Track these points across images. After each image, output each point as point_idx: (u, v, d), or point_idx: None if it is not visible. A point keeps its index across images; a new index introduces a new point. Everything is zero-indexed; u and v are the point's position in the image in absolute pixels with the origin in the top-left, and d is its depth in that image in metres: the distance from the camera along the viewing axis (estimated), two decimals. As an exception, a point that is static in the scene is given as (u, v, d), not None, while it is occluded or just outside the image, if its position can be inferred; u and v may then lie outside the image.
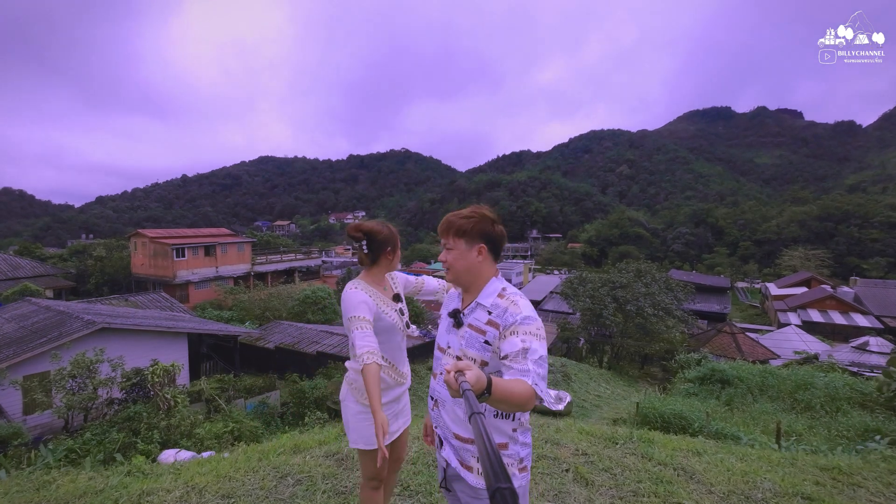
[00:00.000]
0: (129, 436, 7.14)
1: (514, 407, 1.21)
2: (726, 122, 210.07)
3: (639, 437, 3.36)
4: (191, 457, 6.35)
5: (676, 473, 2.76)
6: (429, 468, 2.80)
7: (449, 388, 1.08)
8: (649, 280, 23.06)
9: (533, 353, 1.32)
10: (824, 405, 10.19)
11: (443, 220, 1.64)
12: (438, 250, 1.73)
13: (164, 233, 29.50)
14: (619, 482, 2.63)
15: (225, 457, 3.27)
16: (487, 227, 1.58)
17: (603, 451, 3.04)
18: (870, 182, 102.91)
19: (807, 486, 2.68)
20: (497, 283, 1.57)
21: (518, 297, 1.50)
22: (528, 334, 1.37)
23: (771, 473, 2.84)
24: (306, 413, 10.54)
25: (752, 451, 3.40)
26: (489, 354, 1.48)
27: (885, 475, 2.94)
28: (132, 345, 11.42)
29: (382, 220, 2.16)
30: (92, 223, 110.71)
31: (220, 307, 24.79)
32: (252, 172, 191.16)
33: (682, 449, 3.18)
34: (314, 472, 2.71)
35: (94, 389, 8.54)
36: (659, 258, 62.34)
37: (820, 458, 3.27)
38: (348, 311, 1.86)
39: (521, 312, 1.43)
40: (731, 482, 2.68)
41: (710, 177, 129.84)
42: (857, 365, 16.71)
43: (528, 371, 1.27)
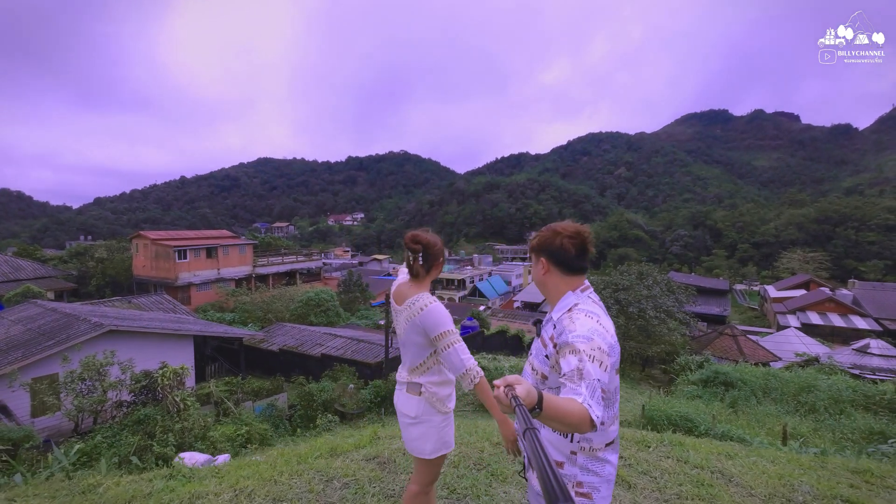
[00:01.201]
0: (143, 438, 7.13)
1: (567, 426, 1.15)
2: (724, 124, 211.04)
3: (669, 440, 3.40)
4: (206, 459, 6.36)
5: (714, 476, 2.80)
6: (471, 471, 2.84)
7: (499, 403, 1.07)
8: (651, 282, 23.14)
9: (587, 374, 1.25)
10: (828, 408, 10.27)
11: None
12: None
13: (165, 234, 29.44)
14: (661, 485, 2.67)
15: (259, 460, 3.29)
16: (549, 241, 1.59)
17: (638, 455, 3.08)
18: (867, 185, 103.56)
19: (843, 488, 2.73)
20: (571, 299, 1.55)
21: (582, 314, 1.45)
22: (582, 353, 1.30)
23: (805, 476, 2.88)
24: (317, 416, 10.54)
25: (781, 454, 3.44)
26: (548, 369, 1.49)
27: (917, 478, 3.00)
28: (139, 347, 11.41)
29: (431, 231, 2.17)
30: (90, 225, 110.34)
31: (222, 309, 24.75)
32: (251, 174, 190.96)
33: (713, 452, 3.22)
34: (359, 476, 2.74)
35: (103, 392, 8.53)
36: (658, 260, 62.56)
37: (849, 462, 3.32)
38: (443, 325, 1.89)
39: (574, 331, 1.37)
40: (769, 485, 2.72)
41: (709, 179, 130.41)
42: (859, 367, 16.81)
43: (579, 392, 1.21)
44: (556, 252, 1.58)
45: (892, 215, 60.67)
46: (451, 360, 1.85)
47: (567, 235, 1.57)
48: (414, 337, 1.98)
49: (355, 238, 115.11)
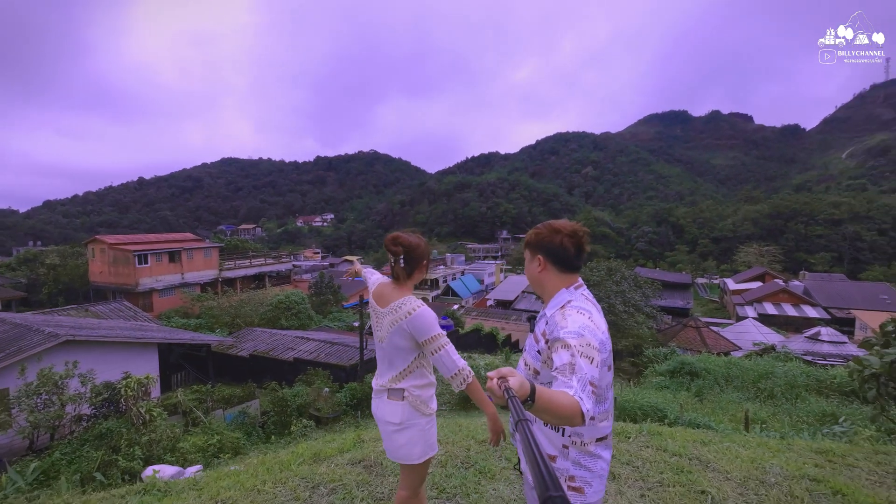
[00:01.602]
0: (107, 453, 6.77)
1: (558, 419, 1.16)
2: (683, 125, 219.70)
3: (648, 430, 3.51)
4: (176, 472, 6.11)
5: (693, 463, 2.91)
6: (459, 470, 2.84)
7: (493, 395, 1.06)
8: (619, 278, 23.84)
9: (579, 369, 1.26)
10: (785, 393, 10.87)
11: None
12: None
13: (124, 238, 28.05)
14: (643, 474, 2.75)
15: (239, 469, 3.19)
16: (548, 239, 1.59)
17: (619, 446, 3.16)
18: (814, 182, 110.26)
19: (809, 468, 2.89)
20: (564, 296, 1.56)
21: (575, 311, 1.46)
22: (572, 348, 1.31)
23: (775, 458, 3.04)
24: (291, 421, 10.30)
25: (752, 438, 3.61)
26: (540, 364, 1.51)
27: (873, 455, 3.21)
28: (100, 357, 10.83)
29: (416, 232, 2.13)
30: (40, 229, 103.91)
31: (187, 315, 23.86)
32: (214, 174, 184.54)
33: (690, 440, 3.35)
34: (346, 480, 2.69)
35: (61, 406, 8.07)
36: (625, 256, 64.48)
37: (813, 443, 3.52)
38: (432, 329, 1.88)
39: (566, 327, 1.38)
40: (743, 468, 2.85)
41: (670, 177, 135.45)
42: (812, 354, 17.85)
43: (570, 385, 1.22)
44: (555, 250, 1.58)
45: (836, 210, 64.73)
46: (444, 362, 1.84)
47: (567, 234, 1.58)
48: (399, 341, 1.93)
49: (325, 239, 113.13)
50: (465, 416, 7.49)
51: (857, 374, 4.94)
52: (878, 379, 4.59)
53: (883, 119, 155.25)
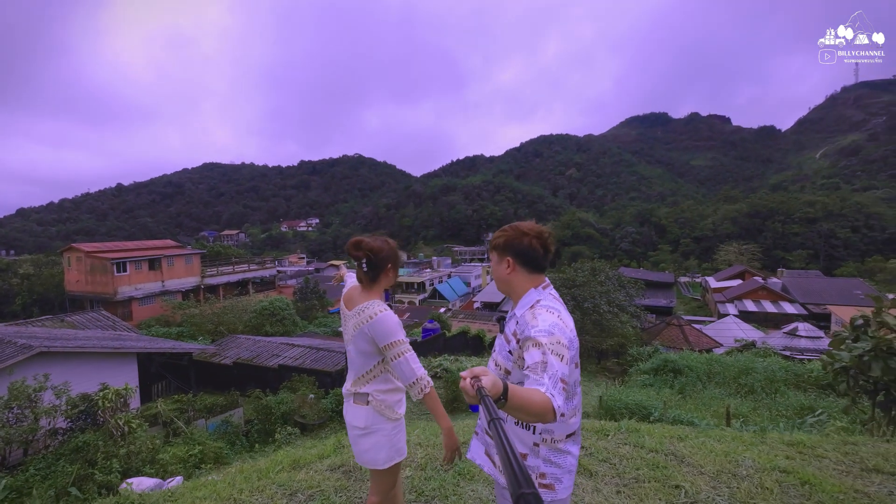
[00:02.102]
0: (83, 467, 6.59)
1: (531, 416, 1.17)
2: (664, 126, 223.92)
3: (627, 427, 3.56)
4: (156, 484, 5.98)
5: (668, 459, 2.97)
6: (438, 472, 2.84)
7: (465, 394, 1.08)
8: (603, 278, 24.12)
9: (550, 366, 1.28)
10: (764, 388, 11.10)
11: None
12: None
13: (102, 246, 27.40)
14: (620, 471, 2.79)
15: (216, 479, 3.13)
16: (516, 241, 1.61)
17: (598, 444, 3.20)
18: (790, 181, 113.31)
19: (780, 460, 2.97)
20: (533, 296, 1.59)
21: (544, 310, 1.49)
22: (543, 346, 1.34)
23: (748, 451, 3.12)
24: (275, 429, 10.17)
25: (726, 433, 3.69)
26: (511, 364, 1.54)
27: (841, 446, 3.31)
28: (76, 369, 10.56)
29: (383, 236, 2.10)
30: (13, 238, 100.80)
31: (168, 323, 23.40)
32: (196, 180, 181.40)
33: (667, 436, 3.41)
34: (324, 486, 2.66)
35: (35, 420, 7.82)
36: (609, 256, 65.27)
37: (785, 435, 3.62)
38: (393, 335, 1.86)
39: (536, 326, 1.41)
40: (717, 462, 2.92)
41: (652, 178, 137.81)
42: (790, 349, 18.27)
43: (541, 382, 1.24)
44: (523, 251, 1.61)
45: (812, 209, 66.61)
46: (403, 369, 1.84)
47: (534, 236, 1.61)
48: (361, 345, 1.93)
49: (310, 244, 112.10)
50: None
51: (829, 368, 5.10)
52: (848, 372, 4.74)
53: (853, 120, 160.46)
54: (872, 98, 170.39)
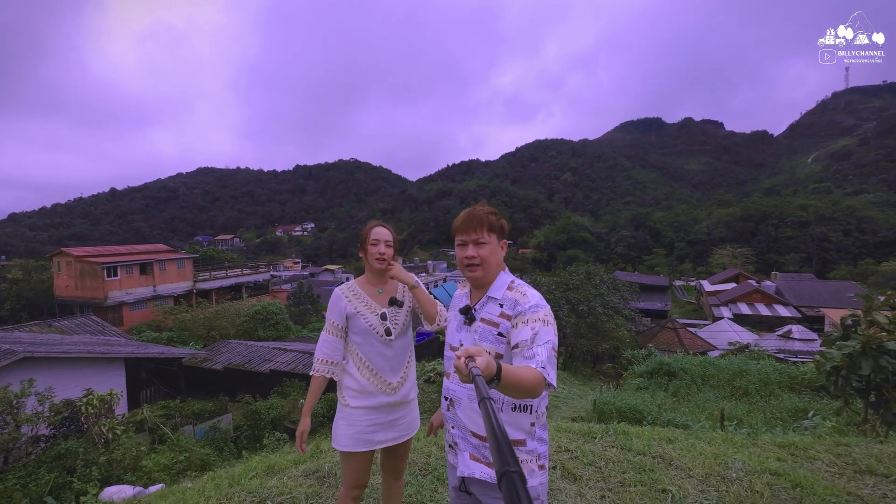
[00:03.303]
0: (61, 475, 6.41)
1: (524, 393, 1.21)
2: (658, 131, 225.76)
3: (615, 430, 3.47)
4: (136, 492, 5.81)
5: (656, 461, 2.87)
6: (416, 477, 2.72)
7: (459, 373, 1.06)
8: (598, 281, 24.10)
9: (540, 338, 1.34)
10: (759, 390, 11.05)
11: (469, 215, 1.62)
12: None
13: (92, 251, 27.08)
14: (606, 475, 2.69)
15: (188, 486, 3.01)
16: (505, 223, 1.65)
17: (584, 447, 3.10)
18: (782, 185, 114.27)
19: (771, 462, 2.89)
20: (506, 277, 1.60)
21: (526, 287, 1.54)
22: (537, 321, 1.39)
23: (738, 454, 3.03)
24: (264, 435, 9.99)
25: (717, 435, 3.60)
26: (503, 346, 1.48)
27: (834, 447, 3.23)
28: (61, 375, 10.36)
29: (376, 220, 2.17)
30: (4, 243, 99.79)
31: (160, 328, 23.15)
32: (190, 185, 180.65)
33: (655, 438, 3.31)
34: (295, 493, 2.54)
35: (16, 427, 7.63)
36: (604, 260, 65.37)
37: (777, 437, 3.53)
38: (327, 312, 2.01)
39: (529, 301, 1.46)
40: (706, 465, 2.82)
41: (647, 183, 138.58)
42: (784, 351, 18.28)
43: (534, 356, 1.29)
44: (506, 232, 1.65)
45: (804, 213, 67.10)
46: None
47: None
48: None
49: (306, 249, 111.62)
50: (427, 422, 7.35)
51: (821, 369, 5.04)
52: (839, 372, 4.67)
53: (844, 125, 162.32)
54: (863, 103, 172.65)
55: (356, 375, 1.97)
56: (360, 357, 1.99)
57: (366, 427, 1.95)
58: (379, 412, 1.97)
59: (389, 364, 2.01)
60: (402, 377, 2.03)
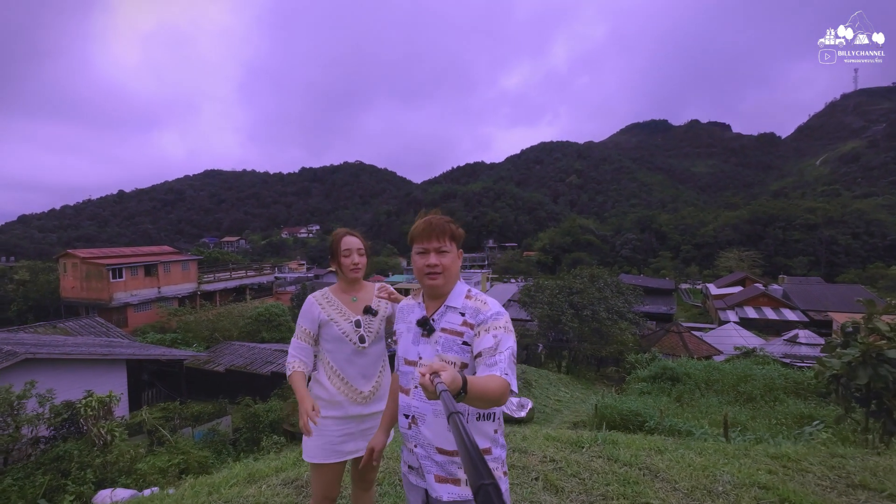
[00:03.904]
0: (56, 478, 6.43)
1: (490, 403, 1.21)
2: (664, 133, 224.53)
3: (603, 439, 3.40)
4: (130, 495, 5.81)
5: (642, 473, 2.80)
6: (395, 488, 2.68)
7: (425, 390, 1.04)
8: (602, 285, 23.94)
9: (503, 345, 1.35)
10: (763, 395, 10.90)
11: (427, 223, 1.57)
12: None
13: (98, 252, 27.35)
14: (588, 487, 2.63)
15: (170, 493, 2.99)
16: (463, 232, 1.64)
17: (570, 457, 3.04)
18: (790, 188, 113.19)
19: (761, 475, 2.81)
20: (462, 286, 1.59)
21: (484, 295, 1.55)
22: (499, 328, 1.40)
23: (728, 466, 2.95)
24: (262, 438, 9.99)
25: (708, 445, 3.53)
26: (468, 356, 1.46)
27: (828, 459, 3.14)
28: (62, 376, 10.41)
29: (343, 228, 2.12)
30: (13, 244, 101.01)
31: (164, 330, 23.27)
32: (197, 187, 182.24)
33: (644, 448, 3.25)
34: (272, 503, 2.51)
35: (16, 428, 7.67)
36: (609, 263, 65.05)
37: (770, 448, 3.45)
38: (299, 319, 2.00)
39: (491, 310, 1.46)
40: (693, 477, 2.75)
41: (653, 185, 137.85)
42: (790, 356, 18.04)
43: (497, 363, 1.29)
44: (462, 241, 1.63)
45: (812, 216, 66.42)
46: None
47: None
48: None
49: (311, 251, 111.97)
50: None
51: (820, 377, 4.94)
52: (839, 380, 4.58)
53: (853, 127, 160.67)
54: (872, 105, 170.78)
55: (326, 384, 1.94)
56: (331, 365, 1.96)
57: (336, 437, 1.91)
58: (350, 422, 1.94)
59: (361, 372, 1.98)
60: (375, 386, 2.00)
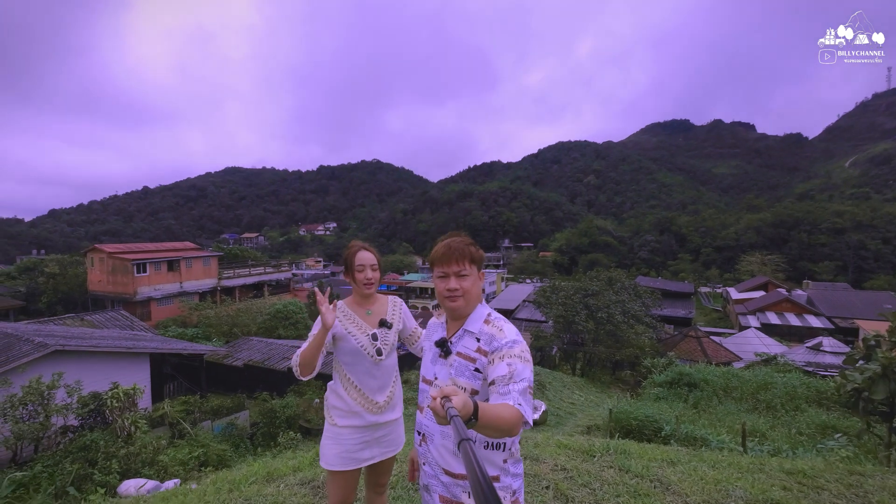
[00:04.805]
0: (84, 467, 6.69)
1: (501, 432, 1.18)
2: (686, 133, 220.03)
3: (615, 448, 3.40)
4: (153, 486, 6.02)
5: (653, 485, 2.80)
6: (408, 492, 2.74)
7: (435, 414, 1.04)
8: (619, 287, 23.67)
9: (517, 375, 1.32)
10: (784, 404, 10.62)
11: (447, 246, 1.57)
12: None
13: (123, 247, 28.19)
14: (599, 497, 2.64)
15: (192, 488, 3.11)
16: (483, 254, 1.63)
17: (581, 466, 3.06)
18: (817, 190, 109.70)
19: (775, 491, 2.78)
20: (483, 310, 1.57)
21: (503, 322, 1.52)
22: (514, 357, 1.37)
23: (741, 480, 2.93)
24: (278, 433, 10.20)
25: (722, 457, 3.50)
26: (479, 382, 1.46)
27: (846, 476, 3.09)
28: (89, 368, 10.79)
29: (357, 240, 2.21)
30: (44, 238, 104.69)
31: (185, 324, 23.85)
32: (218, 184, 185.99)
33: (657, 459, 3.24)
34: (289, 503, 2.60)
35: (46, 417, 8.00)
36: (626, 265, 64.15)
37: (786, 462, 3.40)
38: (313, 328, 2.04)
39: (506, 338, 1.43)
40: (705, 491, 2.74)
41: (673, 186, 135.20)
42: (813, 365, 17.55)
43: (510, 392, 1.27)
44: (483, 262, 1.62)
45: (840, 219, 64.30)
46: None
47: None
48: None
49: (328, 248, 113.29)
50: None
51: (841, 390, 4.83)
52: (861, 394, 4.47)
53: (885, 128, 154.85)
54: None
55: (343, 395, 2.02)
56: (348, 377, 2.04)
57: (353, 445, 1.99)
58: (366, 431, 2.01)
59: (377, 384, 2.05)
60: (389, 396, 2.08)
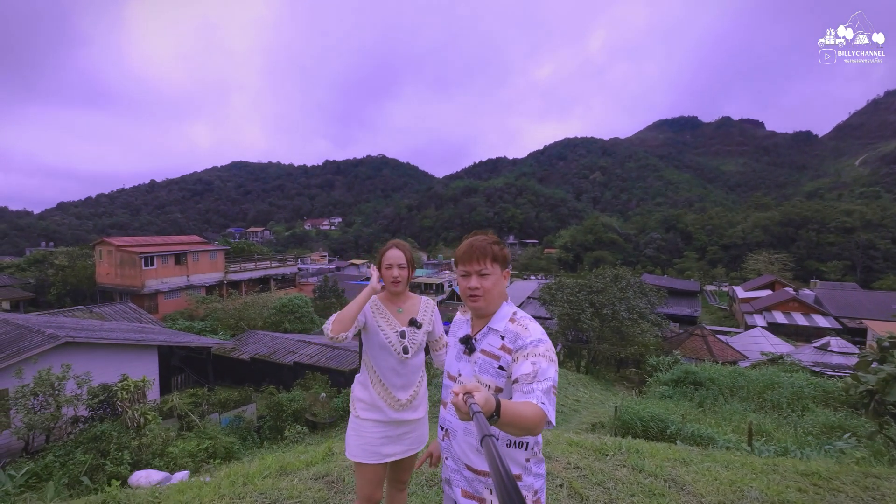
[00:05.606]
0: (96, 457, 6.77)
1: (523, 430, 1.18)
2: (693, 130, 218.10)
3: (627, 447, 3.39)
4: (163, 477, 6.08)
5: (667, 485, 2.79)
6: (422, 489, 2.75)
7: (458, 410, 1.05)
8: (624, 285, 23.57)
9: (541, 374, 1.31)
10: (791, 404, 10.57)
11: (469, 244, 1.58)
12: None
13: (131, 241, 28.39)
14: (614, 496, 2.64)
15: (206, 481, 3.13)
16: (508, 253, 1.62)
17: (594, 464, 3.05)
18: (826, 189, 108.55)
19: (791, 493, 2.77)
20: (508, 308, 1.57)
21: (528, 320, 1.52)
22: (539, 356, 1.37)
23: (756, 481, 2.91)
24: (285, 427, 10.27)
25: (735, 457, 3.48)
26: (503, 380, 1.46)
27: (861, 479, 3.06)
28: (99, 359, 10.90)
29: (394, 240, 2.18)
30: (52, 230, 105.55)
31: (192, 317, 24.03)
32: (224, 178, 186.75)
33: (669, 458, 3.23)
34: (304, 497, 2.62)
35: (57, 408, 8.10)
36: (632, 263, 63.92)
37: (800, 464, 3.38)
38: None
39: (531, 336, 1.43)
40: (720, 492, 2.73)
41: (679, 184, 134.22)
42: (820, 365, 17.44)
43: (533, 391, 1.26)
44: (508, 261, 1.62)
45: (849, 218, 63.61)
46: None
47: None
48: None
49: (333, 243, 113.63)
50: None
51: (852, 391, 4.79)
52: (873, 395, 4.43)
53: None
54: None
55: (368, 388, 2.04)
56: (375, 371, 2.06)
57: (375, 439, 2.00)
58: (388, 426, 2.02)
59: (402, 381, 2.05)
60: (412, 395, 2.07)
